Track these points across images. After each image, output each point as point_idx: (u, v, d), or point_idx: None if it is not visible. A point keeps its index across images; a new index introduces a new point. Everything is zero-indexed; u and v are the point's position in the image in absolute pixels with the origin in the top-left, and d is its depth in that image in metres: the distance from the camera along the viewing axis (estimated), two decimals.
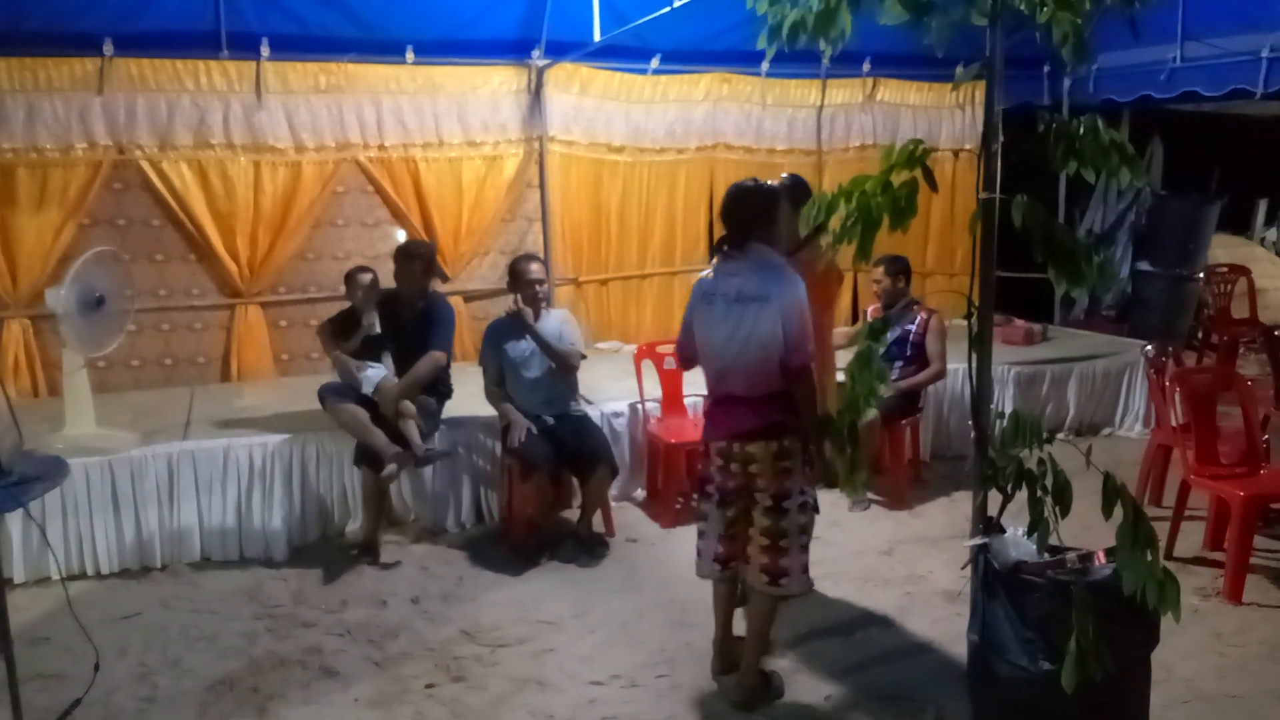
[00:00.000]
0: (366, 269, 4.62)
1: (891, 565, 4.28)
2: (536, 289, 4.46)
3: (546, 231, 6.30)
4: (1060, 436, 5.87)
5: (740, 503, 3.17)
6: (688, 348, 3.34)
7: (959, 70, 2.72)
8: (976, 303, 2.72)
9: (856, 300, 7.21)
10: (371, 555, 4.35)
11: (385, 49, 5.72)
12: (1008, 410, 2.75)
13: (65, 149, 5.23)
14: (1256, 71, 5.87)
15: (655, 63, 6.39)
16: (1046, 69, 7.25)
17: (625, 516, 4.85)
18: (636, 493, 5.12)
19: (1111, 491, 2.48)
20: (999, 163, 2.63)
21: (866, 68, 7.02)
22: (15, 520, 3.99)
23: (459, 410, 4.71)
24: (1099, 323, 7.95)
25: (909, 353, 5.05)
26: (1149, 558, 2.41)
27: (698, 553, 3.33)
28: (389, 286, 4.58)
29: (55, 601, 3.84)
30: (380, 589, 4.08)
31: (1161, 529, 3.90)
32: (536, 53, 5.99)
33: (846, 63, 6.80)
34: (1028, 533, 2.66)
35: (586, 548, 4.41)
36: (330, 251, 5.88)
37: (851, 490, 3.10)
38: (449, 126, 5.95)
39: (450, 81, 5.94)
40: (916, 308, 5.13)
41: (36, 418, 4.41)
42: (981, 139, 2.65)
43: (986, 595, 2.75)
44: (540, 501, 4.47)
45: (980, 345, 2.74)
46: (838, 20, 2.63)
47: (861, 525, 4.71)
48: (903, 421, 5.08)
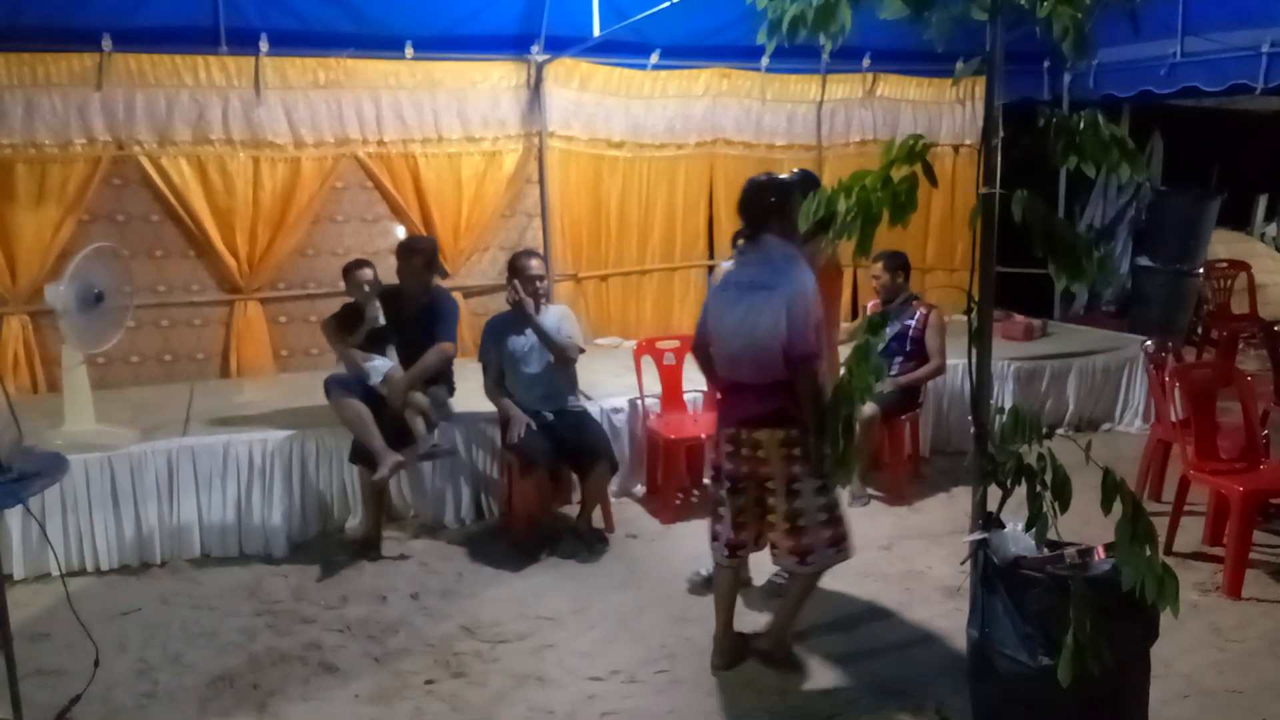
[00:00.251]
0: (365, 263, 4.59)
1: (891, 560, 4.28)
2: (535, 285, 4.46)
3: (546, 227, 6.30)
4: (1060, 432, 5.88)
5: (751, 491, 3.27)
6: (703, 335, 3.44)
7: (959, 65, 2.71)
8: (976, 298, 2.72)
9: (856, 295, 7.21)
10: (372, 552, 4.35)
11: (384, 44, 5.71)
12: (1007, 405, 2.75)
13: (64, 145, 5.22)
14: (1257, 66, 5.87)
15: (655, 58, 6.38)
16: (1047, 64, 7.25)
17: (625, 512, 4.85)
18: (636, 488, 5.12)
19: (1111, 487, 2.48)
20: (999, 158, 2.62)
21: (866, 63, 7.01)
22: (15, 516, 3.99)
23: (458, 406, 4.70)
24: (1099, 318, 7.96)
25: (908, 348, 5.05)
26: (1148, 553, 2.41)
27: (713, 536, 3.42)
28: (390, 282, 4.58)
29: (55, 598, 3.84)
30: (380, 585, 4.08)
31: (1161, 524, 3.91)
32: (536, 48, 5.99)
33: (846, 58, 6.80)
34: (1027, 528, 2.67)
35: (586, 543, 4.42)
36: (330, 247, 5.88)
37: (838, 481, 3.13)
38: (448, 122, 5.94)
39: (449, 77, 5.93)
40: (916, 303, 5.12)
41: (36, 414, 4.41)
42: (981, 134, 2.65)
43: (986, 590, 2.75)
44: (540, 497, 4.48)
45: (980, 340, 2.74)
46: (837, 15, 2.62)
47: (861, 520, 4.68)
48: (902, 417, 5.09)
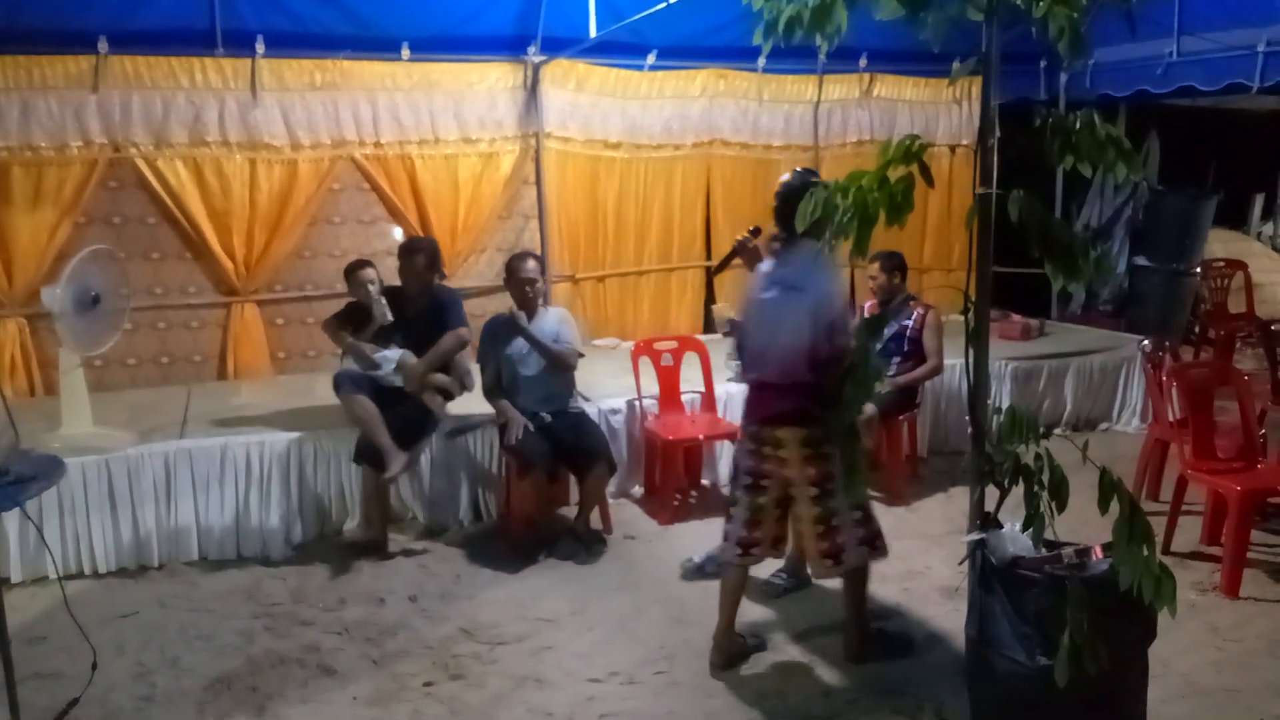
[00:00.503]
0: (367, 263, 4.58)
1: (889, 561, 4.22)
2: (530, 288, 4.45)
3: (543, 228, 6.29)
4: (1057, 432, 5.84)
5: (772, 490, 3.29)
6: (740, 335, 3.52)
7: (955, 65, 2.72)
8: (973, 298, 2.72)
9: (853, 296, 7.20)
10: (378, 552, 4.33)
11: (381, 46, 5.71)
12: (1005, 405, 2.75)
13: (60, 147, 5.21)
14: (1253, 66, 5.88)
15: (651, 59, 6.38)
16: (1043, 64, 7.25)
17: (623, 513, 4.85)
18: (634, 490, 5.12)
19: (1108, 486, 2.48)
20: (995, 158, 2.62)
21: (863, 63, 7.02)
22: (12, 519, 3.98)
23: (456, 409, 4.69)
24: (1096, 318, 7.96)
25: (906, 348, 5.05)
26: (1145, 552, 2.41)
27: (724, 535, 3.43)
28: (393, 284, 4.57)
29: (52, 601, 3.83)
30: (378, 587, 4.08)
31: (1159, 524, 3.92)
32: (532, 49, 5.98)
33: (843, 58, 6.81)
34: (1024, 528, 2.67)
35: (584, 545, 4.41)
36: (326, 249, 5.87)
37: (854, 496, 3.13)
38: (445, 123, 5.94)
39: (446, 78, 5.93)
40: (913, 303, 5.12)
41: (33, 417, 4.41)
42: (978, 134, 2.65)
43: (984, 590, 2.75)
44: (538, 499, 4.48)
45: (977, 340, 2.74)
46: (833, 15, 2.62)
47: None
48: (900, 417, 5.08)
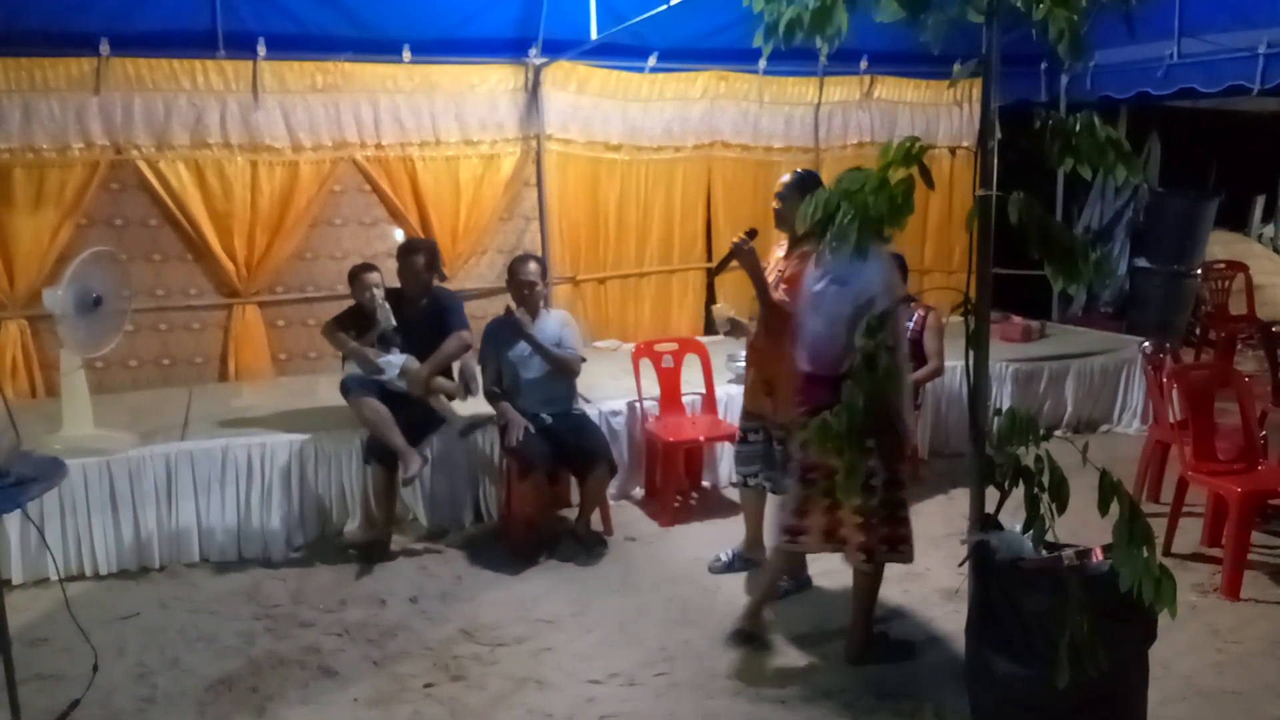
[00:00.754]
0: (371, 266, 4.57)
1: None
2: (530, 290, 4.45)
3: (544, 230, 6.30)
4: (1058, 433, 5.88)
5: (819, 482, 3.30)
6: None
7: (956, 67, 2.72)
8: (974, 300, 2.72)
9: None
10: (381, 553, 4.33)
11: (382, 48, 5.71)
12: (1005, 407, 2.75)
13: (62, 149, 5.22)
14: (1253, 67, 5.88)
15: (652, 61, 6.39)
16: (1044, 66, 7.25)
17: (623, 515, 4.85)
18: (635, 491, 5.12)
19: (1108, 488, 2.48)
20: (996, 160, 2.63)
21: (864, 65, 7.01)
22: (13, 521, 3.99)
23: (464, 408, 4.69)
24: (1097, 319, 7.96)
25: (906, 350, 5.04)
26: (1145, 554, 2.41)
27: (776, 524, 3.54)
28: (393, 285, 4.57)
29: (53, 602, 3.83)
30: (379, 588, 4.08)
31: (1159, 525, 3.92)
32: (533, 51, 5.99)
33: (843, 60, 6.81)
34: (1024, 529, 2.67)
35: (585, 546, 4.41)
36: (328, 251, 5.88)
37: (846, 496, 3.11)
38: (446, 125, 5.95)
39: (447, 80, 5.93)
40: (914, 305, 5.12)
41: (34, 418, 4.41)
42: (978, 136, 2.65)
43: (984, 592, 2.75)
44: (538, 500, 4.48)
45: (978, 342, 2.74)
46: (834, 18, 2.62)
47: None
48: None
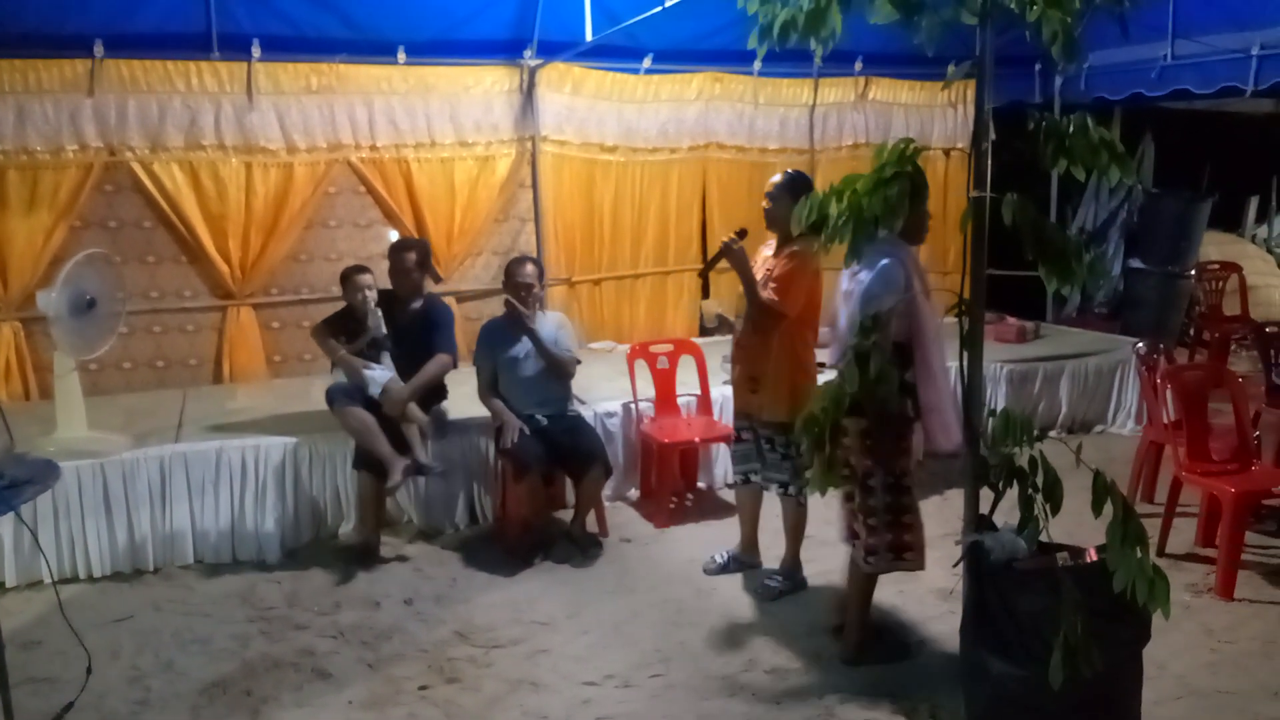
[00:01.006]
0: (364, 269, 4.54)
1: None
2: (527, 292, 4.45)
3: (539, 232, 6.30)
4: (1053, 434, 5.89)
5: (849, 480, 3.32)
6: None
7: (950, 69, 2.72)
8: (968, 301, 2.72)
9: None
10: (371, 558, 4.33)
11: (377, 49, 5.71)
12: (1000, 408, 2.75)
13: (56, 151, 5.21)
14: (1246, 69, 5.89)
15: (647, 62, 6.40)
16: (1038, 67, 7.27)
17: (619, 517, 4.85)
18: (630, 493, 5.12)
19: (1101, 489, 2.49)
20: (990, 161, 2.63)
21: (858, 67, 7.03)
22: (7, 524, 3.97)
23: (452, 412, 4.70)
24: (1091, 320, 7.98)
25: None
26: (1139, 555, 2.42)
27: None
28: (384, 287, 4.57)
29: (47, 605, 3.83)
30: (373, 591, 4.07)
31: (1154, 526, 3.93)
32: (528, 53, 5.99)
33: (838, 62, 6.82)
34: (1018, 530, 2.67)
35: (580, 548, 4.41)
36: (323, 253, 5.87)
37: (814, 489, 3.08)
38: (441, 127, 5.95)
39: (442, 82, 5.93)
40: None
41: (28, 421, 4.41)
42: (972, 137, 2.66)
43: (978, 593, 2.75)
44: (534, 502, 4.47)
45: (972, 343, 2.75)
46: (828, 20, 2.62)
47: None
48: None
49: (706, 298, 5.99)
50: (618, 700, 3.24)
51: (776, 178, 3.85)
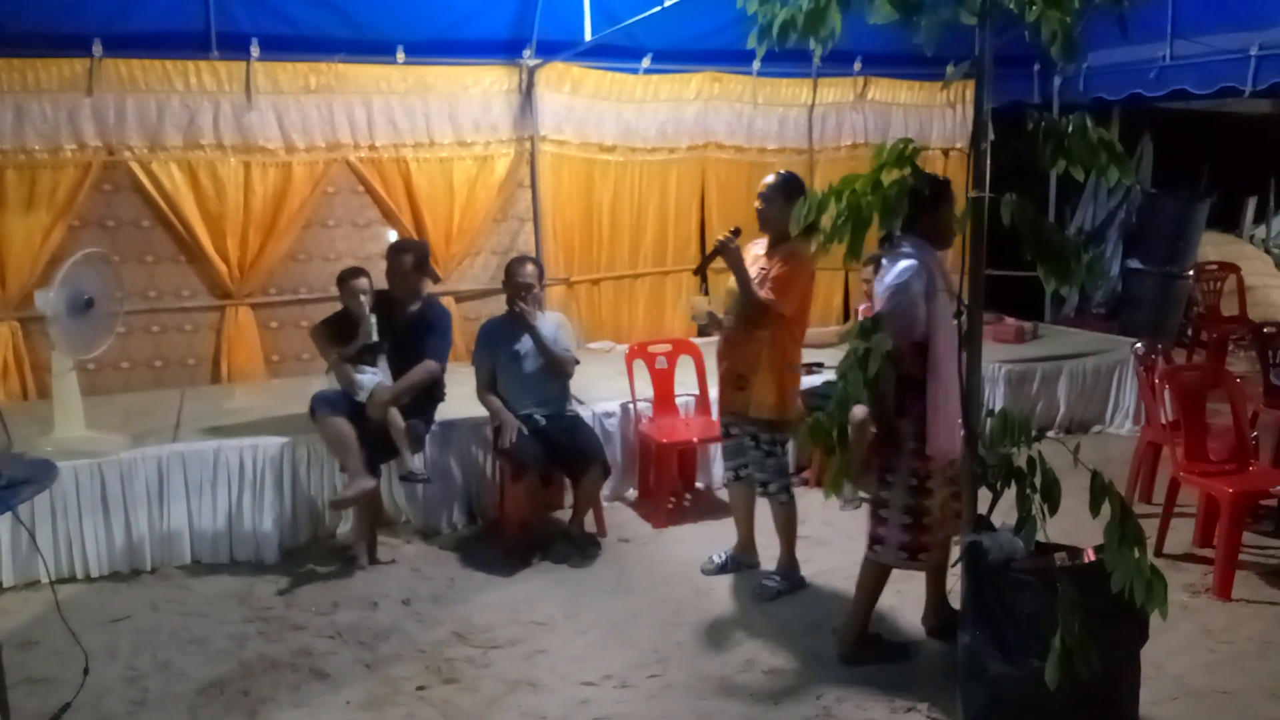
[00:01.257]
0: (360, 271, 4.49)
1: None
2: (527, 292, 4.45)
3: (538, 231, 6.29)
4: (1051, 434, 5.89)
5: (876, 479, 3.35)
6: None
7: (949, 69, 2.72)
8: (966, 301, 2.73)
9: (848, 298, 7.22)
10: (364, 559, 4.32)
11: (376, 49, 5.70)
12: (998, 408, 2.76)
13: (54, 150, 5.20)
14: (1245, 70, 5.90)
15: (646, 62, 6.39)
16: (1036, 67, 7.27)
17: (617, 517, 4.85)
18: (628, 493, 5.12)
19: (1099, 489, 2.49)
20: (989, 161, 2.63)
21: (857, 67, 7.03)
22: (4, 523, 3.96)
23: (450, 412, 4.69)
24: (1089, 320, 7.99)
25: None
26: (1137, 555, 2.42)
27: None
28: (381, 288, 4.56)
29: (44, 605, 3.82)
30: (371, 591, 4.07)
31: (1151, 526, 3.93)
32: (527, 52, 5.99)
33: (837, 62, 6.80)
34: (1016, 530, 2.68)
35: (578, 548, 4.41)
36: (321, 252, 5.86)
37: (831, 491, 3.09)
38: (440, 126, 5.94)
39: (441, 81, 5.93)
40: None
41: (25, 420, 4.40)
42: (971, 138, 2.66)
43: (976, 592, 2.75)
44: (532, 502, 4.47)
45: (970, 343, 2.75)
46: (827, 20, 2.63)
47: (853, 524, 4.69)
48: None
49: (706, 294, 5.98)
50: (616, 700, 3.24)
51: (769, 179, 3.86)
